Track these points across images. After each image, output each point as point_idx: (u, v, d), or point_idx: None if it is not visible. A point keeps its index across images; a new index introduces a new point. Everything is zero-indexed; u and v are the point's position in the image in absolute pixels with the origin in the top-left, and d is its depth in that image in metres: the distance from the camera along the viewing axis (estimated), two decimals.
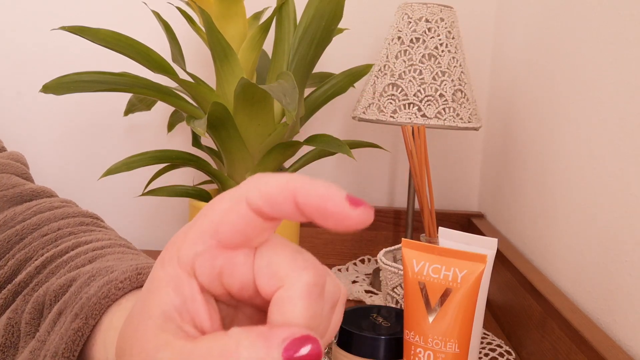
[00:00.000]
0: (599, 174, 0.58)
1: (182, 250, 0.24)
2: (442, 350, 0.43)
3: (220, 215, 0.24)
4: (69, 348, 0.30)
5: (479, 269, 0.43)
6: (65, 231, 0.42)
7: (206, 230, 0.24)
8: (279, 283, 0.23)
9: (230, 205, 0.24)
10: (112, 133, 0.99)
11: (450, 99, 0.78)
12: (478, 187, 1.04)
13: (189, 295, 0.24)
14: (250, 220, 0.23)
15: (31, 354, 0.32)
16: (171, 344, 0.23)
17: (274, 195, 0.22)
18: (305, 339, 0.20)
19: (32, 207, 0.43)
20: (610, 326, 0.54)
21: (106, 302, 0.32)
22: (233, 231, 0.23)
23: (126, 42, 0.72)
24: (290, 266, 0.23)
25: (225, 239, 0.24)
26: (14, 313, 0.36)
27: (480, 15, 0.99)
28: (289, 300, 0.22)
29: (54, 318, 0.33)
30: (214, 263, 0.24)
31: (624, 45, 0.55)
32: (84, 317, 0.31)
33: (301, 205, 0.22)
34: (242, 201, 0.23)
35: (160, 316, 0.23)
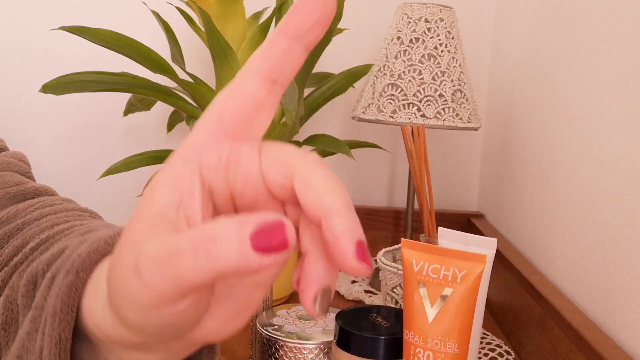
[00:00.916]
0: (598, 174, 0.58)
1: (189, 146, 0.25)
2: (442, 350, 0.43)
3: (222, 102, 0.25)
4: (66, 304, 0.30)
5: (478, 269, 0.43)
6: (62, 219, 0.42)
7: (210, 120, 0.25)
8: (289, 168, 0.24)
9: (230, 87, 0.25)
10: (112, 133, 0.99)
11: (450, 99, 0.78)
12: (477, 187, 1.04)
13: (187, 190, 0.24)
14: (249, 93, 0.24)
15: (32, 323, 0.32)
16: (159, 234, 0.23)
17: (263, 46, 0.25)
18: (275, 225, 0.21)
19: (34, 204, 0.44)
20: (609, 326, 0.54)
21: (95, 256, 0.31)
22: (235, 111, 0.25)
23: (126, 42, 0.72)
24: (295, 154, 0.25)
25: (230, 123, 0.25)
26: (10, 290, 0.36)
27: (479, 16, 0.99)
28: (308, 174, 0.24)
29: (48, 283, 0.33)
30: (220, 151, 0.25)
31: (623, 45, 0.55)
32: (75, 272, 0.31)
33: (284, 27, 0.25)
34: (240, 78, 0.25)
35: (154, 215, 0.24)
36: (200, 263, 0.21)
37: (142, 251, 0.22)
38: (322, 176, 0.24)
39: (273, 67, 0.25)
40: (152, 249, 0.22)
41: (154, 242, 0.22)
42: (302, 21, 0.24)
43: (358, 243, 0.23)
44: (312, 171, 0.24)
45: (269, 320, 0.58)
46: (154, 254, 0.22)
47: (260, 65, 0.25)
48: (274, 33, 0.25)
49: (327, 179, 0.24)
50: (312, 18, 0.24)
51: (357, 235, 0.23)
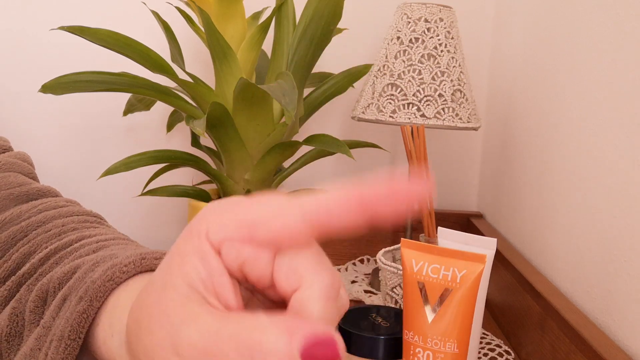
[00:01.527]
0: (598, 174, 0.58)
1: (212, 228, 0.24)
2: (442, 350, 0.43)
3: (266, 215, 0.24)
4: (75, 330, 0.30)
5: (478, 269, 0.43)
6: (69, 227, 0.42)
7: (244, 222, 0.24)
8: (298, 282, 0.23)
9: (279, 207, 0.24)
10: (111, 133, 0.99)
11: (450, 99, 0.78)
12: (477, 187, 1.04)
13: (215, 268, 0.24)
14: (292, 226, 0.23)
15: (37, 340, 0.32)
16: (197, 317, 0.22)
17: (335, 199, 0.23)
18: (326, 342, 0.21)
19: (38, 205, 0.44)
20: (609, 326, 0.54)
21: (110, 284, 0.32)
22: (270, 233, 0.23)
23: (125, 42, 0.72)
24: (310, 266, 0.24)
25: (260, 238, 0.24)
26: (18, 303, 0.36)
27: (479, 16, 0.99)
28: (308, 299, 0.23)
29: (59, 304, 0.33)
30: (240, 252, 0.24)
31: (623, 45, 0.55)
32: (89, 300, 0.31)
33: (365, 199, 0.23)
34: (293, 207, 0.23)
35: (187, 287, 0.23)
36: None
37: (182, 337, 0.22)
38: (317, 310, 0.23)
39: (329, 222, 0.23)
40: (193, 335, 0.22)
41: (195, 328, 0.22)
42: (385, 211, 0.23)
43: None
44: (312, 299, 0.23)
45: None
46: (194, 341, 0.22)
47: (319, 216, 0.23)
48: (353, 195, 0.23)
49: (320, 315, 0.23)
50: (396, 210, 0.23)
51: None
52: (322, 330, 0.21)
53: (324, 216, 0.23)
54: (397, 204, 0.23)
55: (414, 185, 0.23)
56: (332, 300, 0.23)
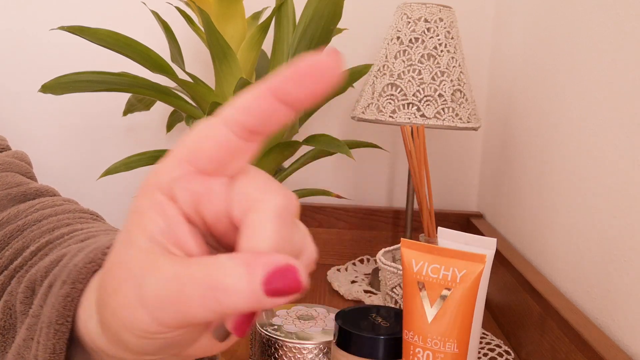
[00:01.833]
0: (598, 174, 0.58)
1: (160, 176, 0.24)
2: (441, 350, 0.43)
3: (197, 141, 0.24)
4: (61, 314, 0.30)
5: (478, 269, 0.43)
6: (63, 222, 0.42)
7: (183, 156, 0.24)
8: (250, 206, 0.23)
9: (205, 130, 0.24)
10: (111, 133, 0.99)
11: (449, 99, 0.78)
12: (477, 187, 1.04)
13: (173, 217, 0.24)
14: (225, 142, 0.23)
15: (28, 330, 0.32)
16: (159, 266, 0.22)
17: (248, 98, 0.23)
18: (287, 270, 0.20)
19: (35, 205, 0.44)
20: (609, 326, 0.54)
21: (92, 266, 0.31)
22: (209, 156, 0.23)
23: (125, 42, 0.72)
24: (262, 190, 0.23)
25: (201, 164, 0.24)
26: (9, 295, 0.36)
27: (479, 16, 0.99)
28: (259, 222, 0.22)
29: (45, 292, 0.33)
30: (191, 187, 0.24)
31: (623, 45, 0.55)
32: (71, 283, 0.31)
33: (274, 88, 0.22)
34: (217, 123, 0.23)
35: (147, 241, 0.23)
36: (209, 307, 0.21)
37: (146, 287, 0.22)
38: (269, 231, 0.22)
39: (253, 123, 0.23)
40: (157, 287, 0.22)
41: (157, 277, 0.22)
42: (293, 90, 0.22)
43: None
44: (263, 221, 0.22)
45: (268, 320, 0.58)
46: (158, 291, 0.22)
47: (240, 117, 0.23)
48: (262, 89, 0.23)
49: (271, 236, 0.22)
50: (304, 90, 0.22)
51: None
52: (282, 259, 0.20)
53: (246, 117, 0.23)
54: (309, 82, 0.22)
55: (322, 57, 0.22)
56: (286, 222, 0.23)
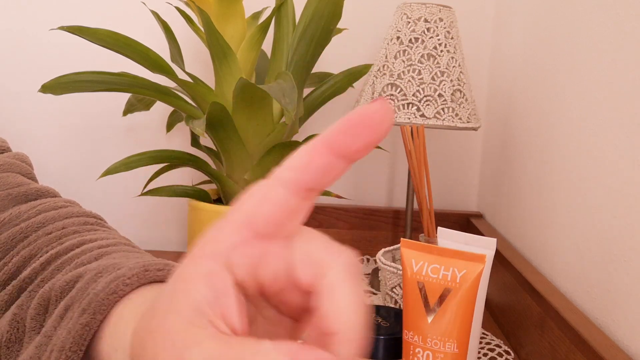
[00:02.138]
0: (598, 174, 0.58)
1: (218, 244, 0.24)
2: (441, 350, 0.43)
3: (254, 205, 0.24)
4: (77, 342, 0.30)
5: (477, 269, 0.43)
6: (70, 229, 0.42)
7: (241, 222, 0.24)
8: (319, 268, 0.23)
9: (262, 193, 0.24)
10: (111, 133, 0.99)
11: (449, 99, 0.78)
12: (477, 187, 1.04)
13: (221, 289, 0.23)
14: (284, 203, 0.23)
15: (37, 349, 0.32)
16: (201, 342, 0.22)
17: (303, 156, 0.23)
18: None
19: (37, 206, 0.44)
20: (608, 326, 0.54)
21: (114, 297, 0.32)
22: (268, 219, 0.24)
23: (125, 42, 0.72)
24: (327, 251, 0.24)
25: (260, 228, 0.24)
26: (19, 309, 0.36)
27: (479, 16, 0.99)
28: (336, 282, 0.23)
29: (61, 313, 0.33)
30: (251, 253, 0.24)
31: (623, 45, 0.55)
32: (92, 312, 0.31)
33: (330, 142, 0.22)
34: (274, 185, 0.24)
35: (191, 311, 0.23)
36: None
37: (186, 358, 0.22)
38: (348, 292, 0.23)
39: (311, 181, 0.23)
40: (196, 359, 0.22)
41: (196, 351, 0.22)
42: (350, 142, 0.22)
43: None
44: (340, 282, 0.23)
45: None
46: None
47: (298, 177, 0.23)
48: (318, 145, 0.23)
49: (352, 296, 0.23)
50: (362, 141, 0.22)
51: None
52: (327, 356, 0.20)
53: (303, 175, 0.23)
54: (364, 133, 0.22)
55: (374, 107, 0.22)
56: (357, 276, 0.23)
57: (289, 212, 0.24)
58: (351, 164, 0.23)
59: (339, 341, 0.22)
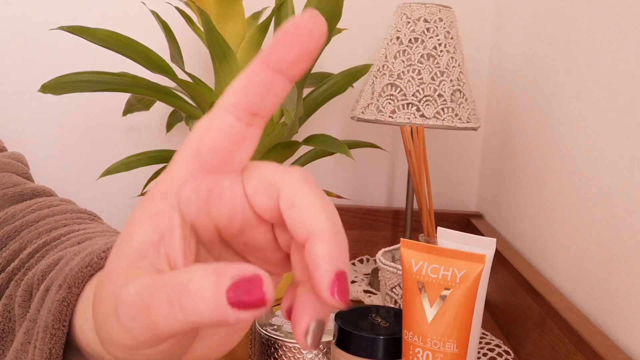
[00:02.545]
0: (598, 174, 0.58)
1: (167, 183, 0.24)
2: (441, 350, 0.43)
3: (199, 137, 0.24)
4: (57, 319, 0.30)
5: (477, 269, 0.43)
6: (60, 223, 0.42)
7: (187, 156, 0.24)
8: (274, 189, 0.23)
9: (206, 124, 0.24)
10: (111, 133, 0.99)
11: (449, 99, 0.78)
12: (477, 187, 1.04)
13: (167, 229, 0.23)
14: (228, 129, 0.23)
15: (25, 334, 0.32)
16: (138, 278, 0.22)
17: (243, 78, 0.23)
18: (253, 279, 0.20)
19: (32, 205, 0.44)
20: (608, 326, 0.54)
21: (88, 270, 0.31)
22: (213, 147, 0.23)
23: (125, 42, 0.72)
24: (278, 172, 0.24)
25: (208, 159, 0.23)
26: (8, 299, 0.36)
27: (478, 16, 0.99)
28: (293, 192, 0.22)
29: (42, 295, 0.33)
30: (200, 187, 0.23)
31: (623, 45, 0.55)
32: (67, 287, 0.31)
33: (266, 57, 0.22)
34: (217, 112, 0.23)
35: (134, 253, 0.23)
36: (174, 315, 0.20)
37: (122, 294, 0.22)
38: (307, 194, 0.22)
39: (253, 101, 0.23)
40: (131, 293, 0.21)
41: (133, 286, 0.22)
42: (284, 53, 0.22)
43: (337, 274, 0.21)
44: (297, 189, 0.23)
45: (268, 320, 0.58)
46: (132, 299, 0.21)
47: (239, 98, 0.23)
48: (254, 63, 0.23)
49: (312, 197, 0.22)
50: (295, 51, 0.22)
51: (337, 265, 0.21)
52: (251, 269, 0.20)
53: (244, 96, 0.23)
54: (296, 42, 0.22)
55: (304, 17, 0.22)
56: (315, 185, 0.23)
57: (235, 139, 0.23)
58: (290, 82, 0.23)
59: (315, 243, 0.22)
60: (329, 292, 0.21)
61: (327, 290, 0.21)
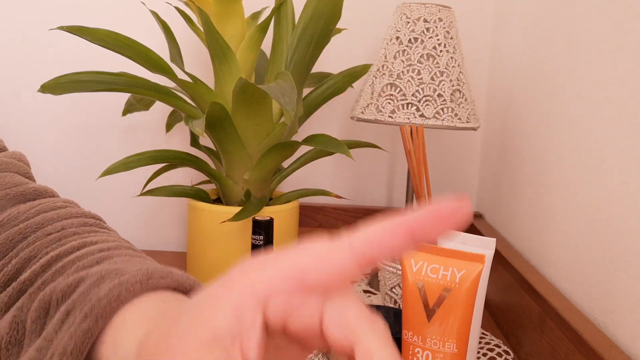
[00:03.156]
0: (597, 174, 0.58)
1: (261, 285, 0.24)
2: (441, 350, 0.43)
3: (314, 261, 0.24)
4: (78, 348, 0.30)
5: (477, 269, 0.43)
6: (69, 231, 0.42)
7: (293, 273, 0.24)
8: (352, 333, 0.24)
9: (326, 252, 0.24)
10: (111, 133, 0.99)
11: (449, 99, 0.78)
12: (476, 187, 1.04)
13: (249, 326, 0.24)
14: (343, 268, 0.24)
15: (37, 352, 0.32)
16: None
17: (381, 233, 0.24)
18: None
19: (35, 206, 0.44)
20: (608, 326, 0.54)
21: (117, 304, 0.32)
22: (322, 278, 0.24)
23: (124, 42, 0.72)
24: (363, 320, 0.24)
25: (311, 284, 0.24)
26: (19, 311, 0.36)
27: (478, 16, 0.99)
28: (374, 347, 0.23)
29: (62, 317, 0.33)
30: (291, 301, 0.24)
31: (623, 45, 0.55)
32: (94, 318, 0.31)
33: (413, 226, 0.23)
34: (341, 249, 0.24)
35: (211, 337, 0.23)
36: None
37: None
38: (385, 355, 0.23)
39: (379, 255, 0.24)
40: None
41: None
42: (431, 233, 0.23)
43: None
44: (377, 348, 0.23)
45: None
46: None
47: (368, 250, 0.24)
48: (399, 225, 0.24)
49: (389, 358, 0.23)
50: (441, 232, 0.23)
51: None
52: None
53: (375, 249, 0.24)
54: (445, 224, 0.23)
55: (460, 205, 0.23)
56: (394, 348, 0.24)
57: (343, 278, 0.24)
58: (412, 247, 0.24)
59: None
60: None
61: None
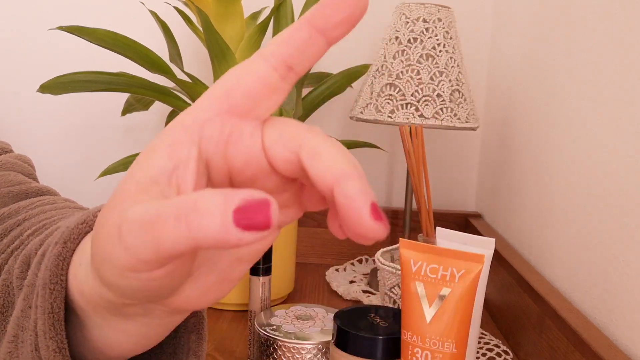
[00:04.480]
0: (596, 174, 0.59)
1: (190, 115, 0.24)
2: (440, 350, 0.43)
3: (233, 79, 0.24)
4: (54, 273, 0.30)
5: (476, 269, 0.43)
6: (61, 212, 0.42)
7: (217, 95, 0.24)
8: (295, 141, 0.24)
9: (244, 66, 0.24)
10: (110, 133, 0.99)
11: (448, 99, 0.78)
12: (475, 187, 1.04)
13: (183, 160, 0.24)
14: (264, 76, 0.24)
15: (25, 300, 0.32)
16: (146, 200, 0.22)
17: (286, 32, 0.24)
18: (261, 203, 0.20)
19: (35, 202, 0.45)
20: (607, 326, 0.54)
21: (84, 226, 0.31)
22: (246, 91, 0.24)
23: (124, 42, 0.72)
24: (300, 128, 0.24)
25: (237, 101, 0.24)
26: (7, 274, 0.36)
27: (477, 16, 0.99)
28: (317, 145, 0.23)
29: (39, 260, 0.32)
30: (223, 127, 0.24)
31: (622, 45, 0.55)
32: (63, 242, 0.30)
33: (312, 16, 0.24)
34: (256, 58, 0.24)
35: (147, 178, 0.23)
36: (180, 232, 0.20)
37: (127, 214, 0.22)
38: (330, 146, 0.23)
39: (291, 54, 0.24)
40: (136, 212, 0.22)
41: (140, 206, 0.22)
42: (331, 15, 0.23)
43: (372, 204, 0.22)
44: (321, 142, 0.23)
45: (267, 320, 0.58)
46: (137, 217, 0.22)
47: (279, 49, 0.24)
48: (299, 21, 0.24)
49: (335, 148, 0.23)
50: (342, 14, 0.23)
51: (371, 197, 0.23)
52: (259, 194, 0.20)
53: (284, 47, 0.24)
54: (344, 7, 0.23)
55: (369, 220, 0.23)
56: (336, 142, 0.24)
57: (267, 88, 0.24)
58: (329, 44, 0.24)
59: (346, 182, 0.22)
60: (372, 218, 0.22)
61: (370, 218, 0.22)
